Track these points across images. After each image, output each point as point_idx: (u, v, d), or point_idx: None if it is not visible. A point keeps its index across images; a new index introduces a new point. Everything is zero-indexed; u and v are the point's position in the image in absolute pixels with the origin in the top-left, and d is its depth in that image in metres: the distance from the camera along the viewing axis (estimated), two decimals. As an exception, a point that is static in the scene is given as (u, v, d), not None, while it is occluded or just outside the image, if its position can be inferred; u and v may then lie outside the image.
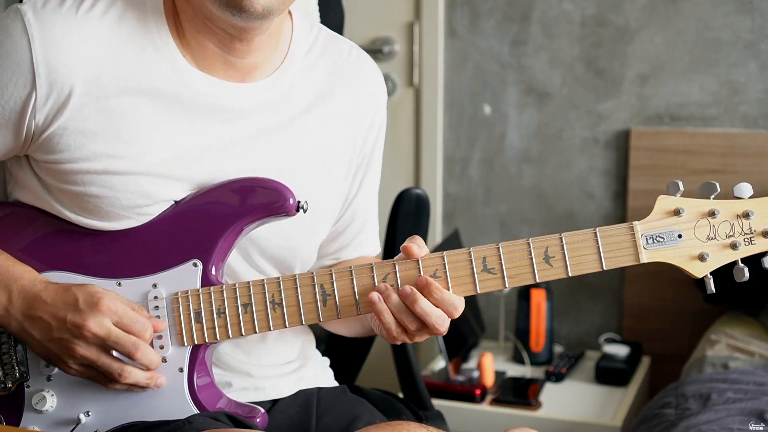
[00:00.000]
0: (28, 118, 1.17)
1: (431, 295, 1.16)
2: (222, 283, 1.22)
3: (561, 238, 1.16)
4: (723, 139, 2.57)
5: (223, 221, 1.21)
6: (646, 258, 1.15)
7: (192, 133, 1.22)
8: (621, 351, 2.52)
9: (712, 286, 1.16)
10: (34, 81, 1.16)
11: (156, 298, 1.21)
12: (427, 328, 1.17)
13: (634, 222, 1.16)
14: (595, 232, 1.15)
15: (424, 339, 1.21)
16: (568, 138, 2.75)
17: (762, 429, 1.74)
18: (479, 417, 2.32)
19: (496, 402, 2.34)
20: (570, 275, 1.15)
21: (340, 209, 1.39)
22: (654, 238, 1.15)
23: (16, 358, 1.23)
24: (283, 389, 1.37)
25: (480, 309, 2.75)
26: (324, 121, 1.32)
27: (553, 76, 2.73)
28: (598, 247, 1.15)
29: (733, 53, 2.56)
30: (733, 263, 1.15)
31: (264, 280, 1.21)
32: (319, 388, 1.40)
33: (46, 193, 1.23)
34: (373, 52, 2.84)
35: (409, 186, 2.36)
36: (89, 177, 1.19)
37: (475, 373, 2.41)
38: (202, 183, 1.23)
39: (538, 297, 2.54)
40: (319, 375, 1.45)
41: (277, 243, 1.30)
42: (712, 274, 1.16)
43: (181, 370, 1.22)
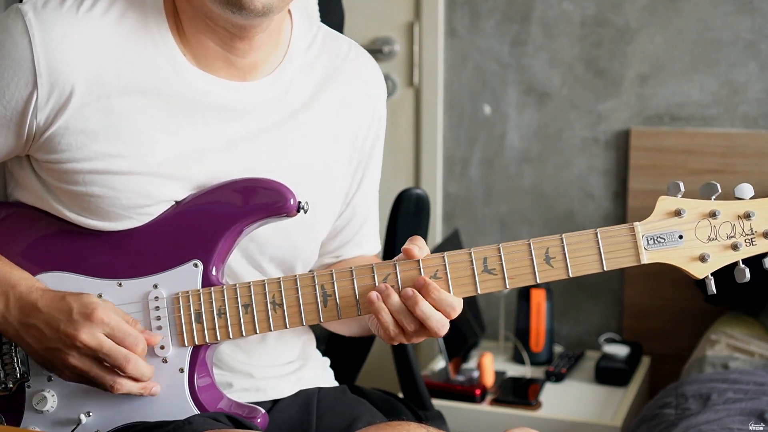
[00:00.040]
0: (30, 118, 1.17)
1: (429, 295, 1.16)
2: (222, 283, 1.22)
3: (562, 239, 1.16)
4: (723, 139, 2.57)
5: (223, 222, 1.21)
6: (646, 259, 1.15)
7: (193, 132, 1.22)
8: (621, 351, 2.52)
9: (713, 287, 1.15)
10: (35, 81, 1.15)
11: (156, 299, 1.21)
12: (425, 330, 1.17)
13: (634, 223, 1.15)
14: (595, 233, 1.15)
15: (421, 340, 1.21)
16: (568, 138, 2.75)
17: (762, 429, 1.74)
18: (479, 417, 2.31)
19: (496, 402, 2.34)
20: (571, 276, 1.15)
21: (340, 207, 1.39)
22: (655, 238, 1.15)
23: (17, 358, 1.23)
24: (284, 389, 1.37)
25: (480, 309, 2.75)
26: (324, 119, 1.32)
27: (553, 76, 2.73)
28: (599, 248, 1.15)
29: (733, 53, 2.56)
30: (734, 264, 1.15)
31: (265, 281, 1.21)
32: (320, 389, 1.40)
33: (46, 193, 1.23)
34: (373, 52, 2.84)
35: (409, 186, 2.36)
36: (90, 177, 1.19)
37: (475, 373, 2.41)
38: (203, 183, 1.23)
39: (538, 297, 2.54)
40: (320, 375, 1.45)
41: (277, 243, 1.29)
42: (712, 274, 1.16)
43: (181, 371, 1.22)
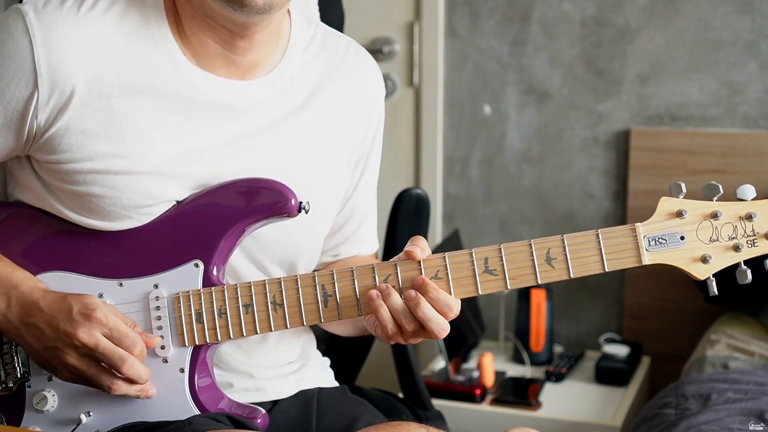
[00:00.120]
0: (30, 119, 1.17)
1: (427, 295, 1.15)
2: (223, 283, 1.22)
3: (563, 240, 1.16)
4: (723, 139, 2.57)
5: (224, 222, 1.21)
6: (648, 260, 1.15)
7: (192, 131, 1.22)
8: (621, 351, 2.52)
9: (714, 289, 1.15)
10: (36, 81, 1.15)
11: (157, 299, 1.21)
12: (425, 331, 1.17)
13: (636, 223, 1.15)
14: (597, 234, 1.15)
15: (418, 341, 1.21)
16: (568, 138, 2.74)
17: (762, 429, 1.74)
18: (479, 417, 2.31)
19: (496, 402, 2.34)
20: (572, 277, 1.15)
21: (340, 206, 1.39)
22: (656, 239, 1.15)
23: (18, 358, 1.23)
24: (284, 390, 1.37)
25: (480, 309, 2.75)
26: (323, 117, 1.32)
27: (553, 76, 2.73)
28: (600, 249, 1.15)
29: (733, 53, 2.56)
30: (736, 265, 1.15)
31: (265, 281, 1.21)
32: (320, 389, 1.40)
33: (47, 193, 1.22)
34: (373, 52, 2.83)
35: (409, 186, 2.36)
36: (91, 177, 1.19)
37: (475, 373, 2.41)
38: (203, 181, 1.23)
39: (538, 297, 2.54)
40: (320, 375, 1.45)
41: (278, 243, 1.29)
42: (714, 275, 1.16)
43: (182, 371, 1.22)
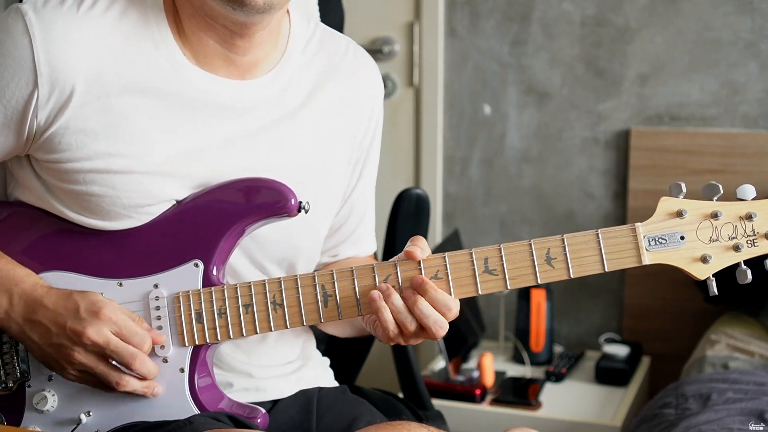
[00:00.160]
0: (30, 118, 1.17)
1: (426, 294, 1.16)
2: (223, 283, 1.22)
3: (563, 240, 1.16)
4: (723, 139, 2.57)
5: (224, 221, 1.21)
6: (648, 260, 1.15)
7: (192, 131, 1.22)
8: (621, 351, 2.52)
9: (714, 288, 1.15)
10: (36, 80, 1.15)
11: (157, 299, 1.21)
12: (424, 331, 1.17)
13: (636, 223, 1.15)
14: (597, 234, 1.15)
15: (419, 342, 1.21)
16: (568, 138, 2.74)
17: (762, 429, 1.74)
18: (479, 417, 2.31)
19: (496, 402, 2.34)
20: (572, 277, 1.15)
21: (339, 206, 1.39)
22: (656, 239, 1.15)
23: (18, 358, 1.23)
24: (284, 389, 1.37)
25: (480, 309, 2.75)
26: (322, 117, 1.32)
27: (553, 76, 2.73)
28: (600, 249, 1.15)
29: (733, 53, 2.56)
30: (736, 265, 1.15)
31: (265, 281, 1.21)
32: (320, 388, 1.40)
33: (47, 192, 1.22)
34: (373, 52, 2.84)
35: (409, 186, 2.35)
36: (91, 176, 1.19)
37: (475, 373, 2.40)
38: (203, 181, 1.23)
39: (538, 297, 2.54)
40: (320, 375, 1.45)
41: (278, 242, 1.29)
42: (714, 275, 1.16)
43: (182, 371, 1.22)
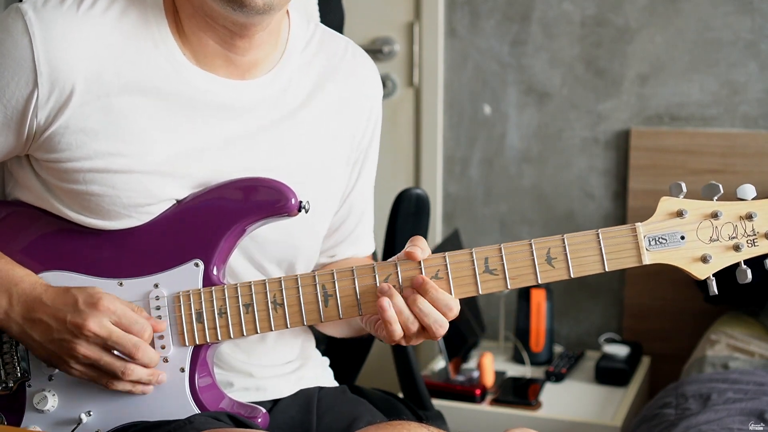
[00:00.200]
0: (30, 117, 1.17)
1: (426, 294, 1.16)
2: (223, 283, 1.22)
3: (563, 239, 1.16)
4: (723, 139, 2.57)
5: (225, 221, 1.21)
6: (648, 259, 1.15)
7: (192, 131, 1.22)
8: (621, 351, 2.52)
9: (714, 288, 1.15)
10: (35, 80, 1.15)
11: (157, 298, 1.21)
12: (424, 331, 1.17)
13: (636, 223, 1.15)
14: (597, 234, 1.15)
15: (419, 342, 1.21)
16: (568, 138, 2.74)
17: (762, 429, 1.74)
18: (479, 417, 2.31)
19: (496, 402, 2.34)
20: (572, 276, 1.15)
21: (338, 206, 1.39)
22: (656, 239, 1.15)
23: (18, 357, 1.23)
24: (284, 389, 1.37)
25: (480, 309, 2.75)
26: (322, 117, 1.32)
27: (553, 76, 2.73)
28: (601, 249, 1.15)
29: (733, 53, 2.56)
30: (736, 265, 1.15)
31: (265, 281, 1.21)
32: (320, 388, 1.40)
33: (46, 192, 1.22)
34: (373, 52, 2.84)
35: (409, 186, 2.35)
36: (91, 175, 1.19)
37: (475, 373, 2.40)
38: (202, 181, 1.23)
39: (538, 297, 2.54)
40: (320, 375, 1.45)
41: (277, 242, 1.29)
42: (714, 275, 1.16)
43: (182, 370, 1.22)
